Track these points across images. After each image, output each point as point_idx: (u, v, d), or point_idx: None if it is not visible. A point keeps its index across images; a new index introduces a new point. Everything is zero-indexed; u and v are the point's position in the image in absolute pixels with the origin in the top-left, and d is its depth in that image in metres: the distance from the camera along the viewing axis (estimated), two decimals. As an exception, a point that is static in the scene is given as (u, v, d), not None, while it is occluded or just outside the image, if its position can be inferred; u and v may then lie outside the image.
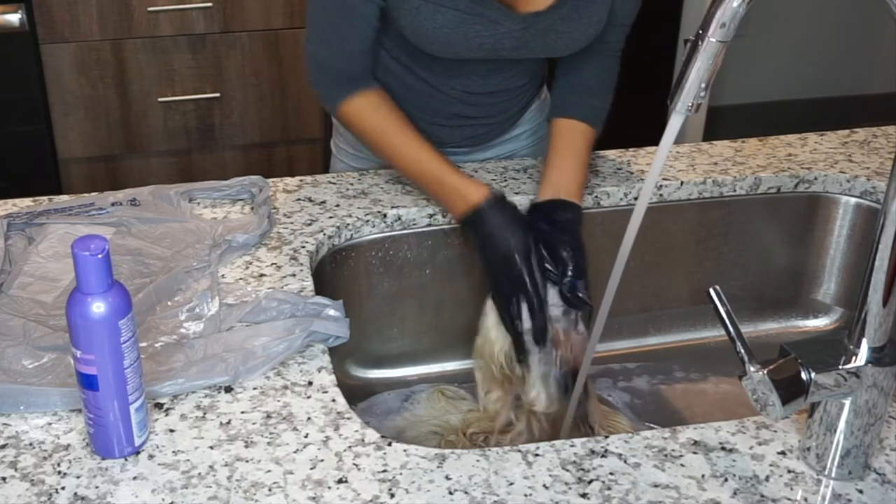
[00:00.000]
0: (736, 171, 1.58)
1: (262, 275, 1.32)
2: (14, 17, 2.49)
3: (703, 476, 1.03)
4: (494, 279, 1.32)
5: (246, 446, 1.05)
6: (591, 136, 1.45)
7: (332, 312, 1.23)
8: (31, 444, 1.05)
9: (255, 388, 1.13)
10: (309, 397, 1.12)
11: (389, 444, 1.06)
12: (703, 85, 1.01)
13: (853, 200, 1.58)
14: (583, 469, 1.03)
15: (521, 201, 1.50)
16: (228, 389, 1.13)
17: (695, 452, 1.06)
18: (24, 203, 1.45)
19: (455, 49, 1.38)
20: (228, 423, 1.08)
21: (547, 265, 1.31)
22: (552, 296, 1.31)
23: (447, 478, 1.02)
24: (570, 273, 1.30)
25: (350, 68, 1.43)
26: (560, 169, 1.41)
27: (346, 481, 1.01)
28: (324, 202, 1.49)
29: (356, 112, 1.44)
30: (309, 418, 1.09)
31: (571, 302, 1.30)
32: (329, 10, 1.40)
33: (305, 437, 1.06)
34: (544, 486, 1.01)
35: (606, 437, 1.07)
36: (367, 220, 1.45)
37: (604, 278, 1.19)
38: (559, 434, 1.31)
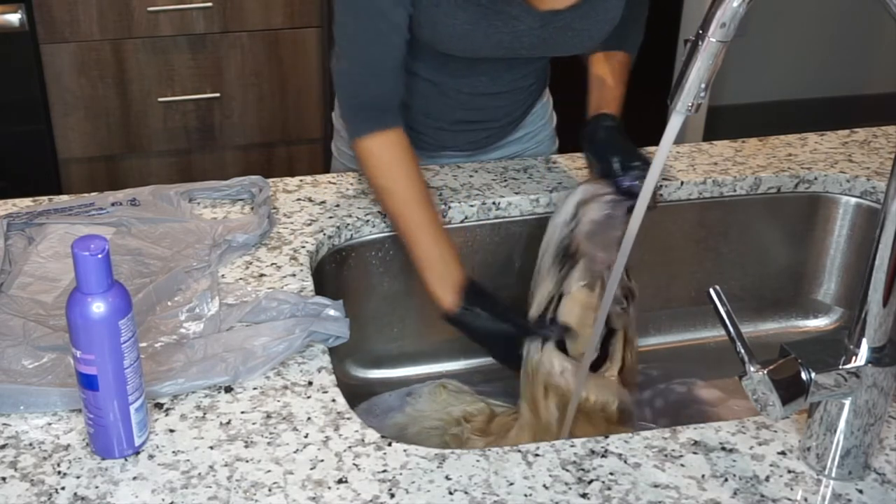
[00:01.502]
0: (736, 171, 1.58)
1: (262, 275, 1.32)
2: (14, 17, 2.49)
3: (703, 476, 1.03)
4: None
5: (246, 446, 1.05)
6: (627, 60, 1.52)
7: (332, 312, 1.23)
8: (31, 444, 1.05)
9: (255, 388, 1.13)
10: (309, 397, 1.12)
11: (389, 444, 1.06)
12: (703, 85, 1.01)
13: (853, 200, 1.58)
14: (583, 469, 1.03)
15: (521, 201, 1.50)
16: (228, 389, 1.13)
17: (695, 452, 1.06)
18: (24, 203, 1.45)
19: (474, 47, 1.37)
20: (228, 423, 1.08)
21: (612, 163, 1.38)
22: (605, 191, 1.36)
23: (447, 478, 1.02)
24: (615, 165, 1.38)
25: (378, 90, 1.38)
26: (600, 87, 1.50)
27: (346, 481, 1.01)
28: (324, 202, 1.49)
29: (371, 156, 1.40)
30: (309, 418, 1.09)
31: (631, 192, 1.36)
32: (361, 18, 1.34)
33: (305, 437, 1.06)
34: (544, 486, 1.01)
35: (606, 437, 1.07)
36: (367, 220, 1.45)
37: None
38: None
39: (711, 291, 1.00)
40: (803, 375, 0.96)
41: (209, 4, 2.60)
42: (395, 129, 1.39)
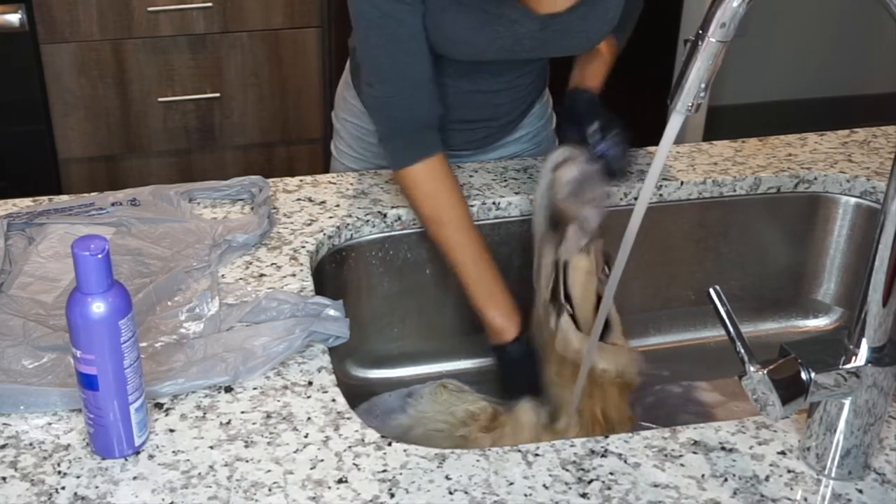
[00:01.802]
0: (736, 171, 1.58)
1: (262, 275, 1.32)
2: (14, 17, 2.49)
3: (703, 476, 1.03)
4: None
5: (246, 446, 1.05)
6: (614, 44, 1.54)
7: (332, 312, 1.23)
8: (31, 444, 1.05)
9: (255, 388, 1.13)
10: (309, 397, 1.12)
11: (389, 444, 1.06)
12: (703, 85, 1.01)
13: (853, 200, 1.58)
14: (583, 469, 1.03)
15: (521, 201, 1.50)
16: (228, 389, 1.13)
17: (695, 452, 1.06)
18: (24, 203, 1.45)
19: (476, 50, 1.38)
20: (228, 423, 1.08)
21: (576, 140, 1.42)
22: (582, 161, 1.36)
23: (447, 478, 1.02)
24: (595, 132, 1.43)
25: (415, 113, 1.38)
26: (582, 67, 1.54)
27: (346, 481, 1.01)
28: (324, 202, 1.49)
29: (415, 185, 1.40)
30: (309, 418, 1.09)
31: (610, 168, 1.41)
32: (380, 30, 1.34)
33: (305, 437, 1.06)
34: (544, 486, 1.01)
35: (606, 437, 1.07)
36: (367, 220, 1.45)
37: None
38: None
39: (711, 291, 1.00)
40: (803, 375, 0.96)
41: (209, 4, 2.60)
42: (438, 155, 1.40)
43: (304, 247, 1.38)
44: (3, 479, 1.01)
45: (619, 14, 1.41)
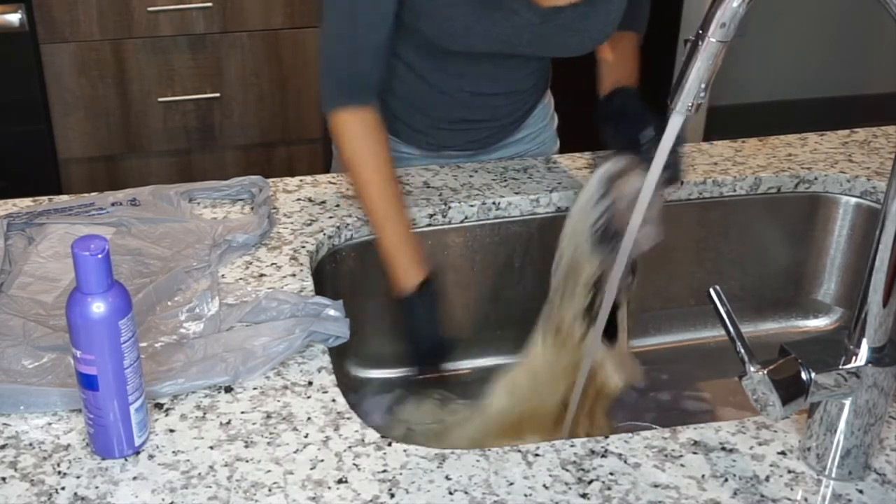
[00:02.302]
0: (736, 171, 1.57)
1: (262, 275, 1.32)
2: (14, 17, 2.49)
3: (703, 476, 1.03)
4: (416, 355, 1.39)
5: (246, 446, 1.05)
6: (637, 38, 1.53)
7: (332, 312, 1.23)
8: (31, 444, 1.05)
9: (255, 388, 1.13)
10: (309, 397, 1.12)
11: (389, 444, 1.06)
12: (703, 85, 1.01)
13: (853, 200, 1.58)
14: (583, 469, 1.03)
15: (521, 201, 1.50)
16: (228, 389, 1.13)
17: (695, 452, 1.06)
18: (24, 203, 1.45)
19: (472, 41, 1.37)
20: (228, 423, 1.08)
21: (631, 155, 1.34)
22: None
23: (447, 478, 1.02)
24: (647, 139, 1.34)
25: (357, 67, 1.39)
26: (615, 66, 1.48)
27: (346, 481, 1.01)
28: (324, 202, 1.49)
29: (341, 127, 1.41)
30: (309, 418, 1.09)
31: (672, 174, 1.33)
32: (346, 2, 1.36)
33: (305, 437, 1.06)
34: (544, 486, 1.01)
35: (606, 437, 1.07)
36: (367, 220, 1.45)
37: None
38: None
39: (711, 291, 1.00)
40: (803, 375, 0.96)
41: (209, 4, 2.60)
42: (369, 106, 1.41)
43: (304, 247, 1.38)
44: (3, 479, 1.01)
45: (620, 18, 1.40)
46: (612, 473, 1.03)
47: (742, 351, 0.98)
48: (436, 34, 1.38)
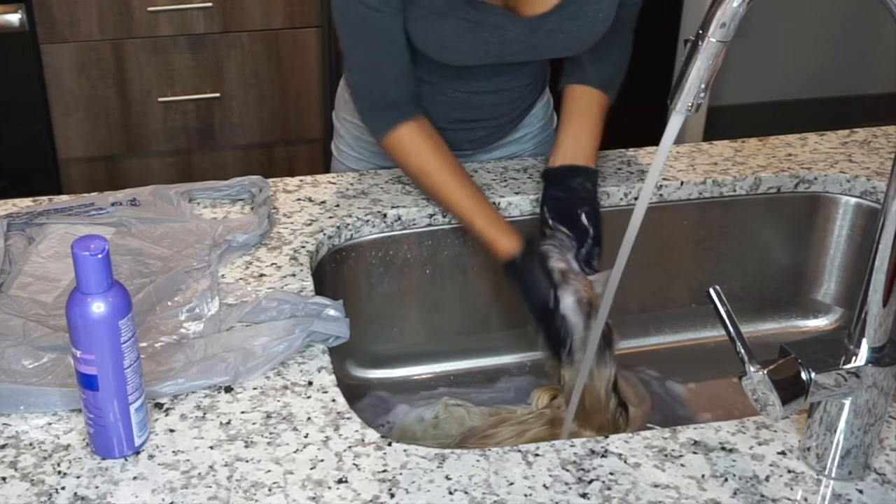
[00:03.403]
0: (736, 171, 1.58)
1: (262, 275, 1.32)
2: (14, 17, 2.49)
3: (703, 476, 1.03)
4: (540, 327, 1.33)
5: (246, 446, 1.05)
6: (606, 102, 1.47)
7: (332, 312, 1.23)
8: (31, 444, 1.05)
9: (255, 388, 1.13)
10: (309, 397, 1.12)
11: (389, 444, 1.06)
12: (703, 85, 1.01)
13: (853, 200, 1.58)
14: (583, 469, 1.03)
15: (521, 201, 1.50)
16: (228, 389, 1.13)
17: (695, 452, 1.06)
18: (24, 203, 1.45)
19: (461, 57, 1.39)
20: (228, 423, 1.08)
21: (563, 232, 1.34)
22: (567, 259, 1.32)
23: (447, 478, 1.02)
24: (588, 241, 1.33)
25: (390, 93, 1.41)
26: (574, 135, 1.43)
27: (346, 481, 1.01)
28: (324, 202, 1.49)
29: (398, 145, 1.42)
30: (309, 418, 1.09)
31: (586, 268, 1.33)
32: (360, 33, 1.38)
33: (305, 437, 1.06)
34: (544, 486, 1.01)
35: (606, 437, 1.07)
36: (367, 220, 1.45)
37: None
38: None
39: (711, 291, 1.00)
40: (803, 375, 0.96)
41: (209, 4, 2.60)
42: (418, 118, 1.42)
43: (304, 247, 1.38)
44: (3, 479, 1.01)
45: (612, 15, 1.39)
46: (612, 473, 1.03)
47: (742, 351, 0.98)
48: (426, 49, 1.39)
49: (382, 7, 1.33)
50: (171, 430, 1.07)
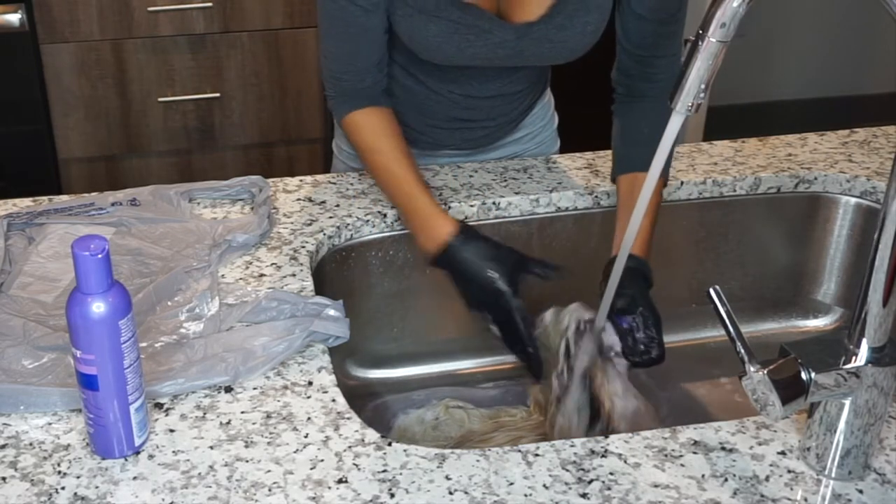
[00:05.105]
0: (736, 171, 1.58)
1: (262, 275, 1.32)
2: (14, 17, 2.49)
3: (703, 476, 1.03)
4: (488, 311, 1.30)
5: (246, 446, 1.05)
6: (660, 186, 1.41)
7: (332, 312, 1.23)
8: (31, 444, 1.05)
9: (255, 388, 1.13)
10: (309, 397, 1.12)
11: (389, 444, 1.06)
12: (702, 85, 1.01)
13: (853, 200, 1.58)
14: (583, 469, 1.03)
15: (521, 201, 1.50)
16: (228, 389, 1.13)
17: (695, 452, 1.06)
18: (24, 203, 1.45)
19: (448, 57, 1.39)
20: (228, 423, 1.08)
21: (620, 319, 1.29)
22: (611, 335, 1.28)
23: (447, 478, 1.02)
24: (639, 335, 1.30)
25: (358, 84, 1.42)
26: (623, 224, 1.37)
27: (346, 481, 1.01)
28: (324, 202, 1.49)
29: (356, 124, 1.43)
30: (309, 418, 1.09)
31: (639, 361, 1.29)
32: (335, 22, 1.39)
33: (305, 437, 1.06)
34: (544, 486, 1.01)
35: (606, 437, 1.07)
36: (367, 220, 1.45)
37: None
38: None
39: (711, 291, 1.00)
40: (803, 375, 0.96)
41: (209, 4, 2.60)
42: (379, 108, 1.43)
43: (304, 247, 1.38)
44: (3, 479, 1.01)
45: (601, 28, 1.38)
46: (612, 473, 1.03)
47: (742, 351, 0.98)
48: (414, 48, 1.39)
49: (361, 1, 1.34)
50: (171, 430, 1.07)
